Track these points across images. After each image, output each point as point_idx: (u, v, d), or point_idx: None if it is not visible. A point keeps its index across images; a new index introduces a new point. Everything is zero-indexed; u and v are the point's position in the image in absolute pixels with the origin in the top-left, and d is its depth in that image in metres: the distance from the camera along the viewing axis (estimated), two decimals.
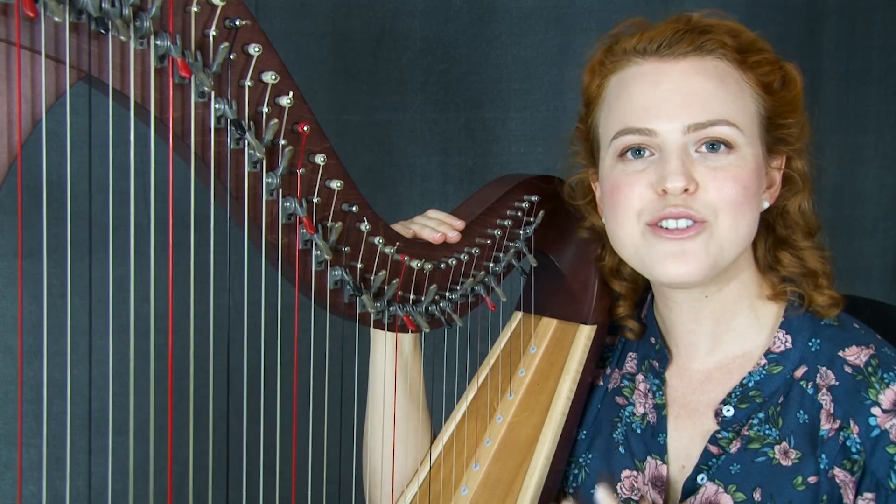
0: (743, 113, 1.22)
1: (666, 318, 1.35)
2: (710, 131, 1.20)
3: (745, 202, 1.21)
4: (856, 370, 1.23)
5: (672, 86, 1.21)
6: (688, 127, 1.20)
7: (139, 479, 0.98)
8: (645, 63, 1.23)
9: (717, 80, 1.21)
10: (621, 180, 1.24)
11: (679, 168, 1.19)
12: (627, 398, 1.38)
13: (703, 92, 1.20)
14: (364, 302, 1.20)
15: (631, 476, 1.33)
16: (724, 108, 1.20)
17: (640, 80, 1.23)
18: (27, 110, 0.88)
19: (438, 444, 1.41)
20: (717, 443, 1.28)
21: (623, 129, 1.23)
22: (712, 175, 1.20)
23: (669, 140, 1.20)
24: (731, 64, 1.22)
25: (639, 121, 1.22)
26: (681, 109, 1.20)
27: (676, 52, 1.21)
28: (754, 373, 1.28)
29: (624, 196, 1.23)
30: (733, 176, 1.20)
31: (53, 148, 0.93)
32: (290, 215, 1.11)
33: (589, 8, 2.47)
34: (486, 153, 2.49)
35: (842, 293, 1.33)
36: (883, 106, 2.65)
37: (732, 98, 1.21)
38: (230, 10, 0.99)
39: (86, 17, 0.90)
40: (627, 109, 1.23)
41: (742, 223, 1.21)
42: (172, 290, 1.00)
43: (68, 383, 1.03)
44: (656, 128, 1.20)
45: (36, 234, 0.93)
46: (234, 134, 1.04)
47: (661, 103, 1.21)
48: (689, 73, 1.21)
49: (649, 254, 1.23)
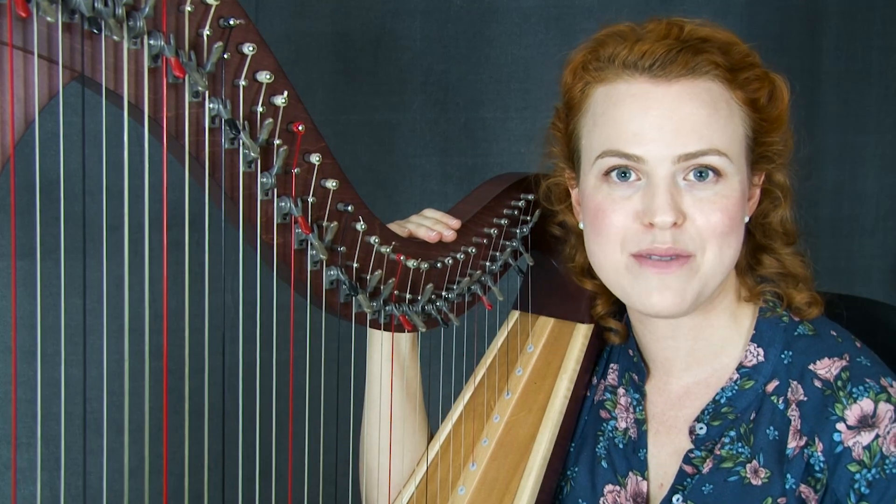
0: (732, 139, 1.19)
1: (641, 335, 1.33)
2: (700, 160, 1.17)
3: (731, 231, 1.19)
4: (825, 385, 1.21)
5: (664, 112, 1.17)
6: (678, 157, 1.16)
7: (136, 479, 0.98)
8: (635, 82, 1.18)
9: (710, 106, 1.17)
10: (606, 205, 1.21)
11: (668, 202, 1.16)
12: (610, 412, 1.37)
13: (694, 120, 1.17)
14: (360, 302, 1.20)
15: (614, 491, 1.32)
16: (715, 137, 1.17)
17: (630, 102, 1.19)
18: (20, 111, 0.88)
19: (436, 443, 1.40)
20: (690, 462, 1.26)
21: (610, 150, 1.19)
22: (699, 207, 1.17)
23: (658, 170, 1.17)
24: (723, 84, 1.18)
25: (627, 145, 1.18)
26: (672, 139, 1.16)
27: (669, 73, 1.17)
28: (727, 388, 1.26)
29: (609, 223, 1.20)
30: (720, 207, 1.17)
31: (48, 148, 0.93)
32: (285, 215, 1.11)
33: (589, 8, 2.47)
34: (486, 153, 2.49)
35: (842, 293, 1.32)
36: (883, 106, 2.65)
37: (723, 124, 1.18)
38: (224, 9, 0.99)
39: (79, 16, 0.90)
40: (616, 131, 1.19)
41: (727, 252, 1.19)
42: (168, 290, 1.00)
43: (62, 383, 1.03)
44: (645, 155, 1.17)
45: (30, 235, 0.93)
46: (229, 134, 1.04)
47: (651, 130, 1.17)
48: (683, 98, 1.17)
49: (632, 286, 1.21)
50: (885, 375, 1.21)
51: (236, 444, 1.08)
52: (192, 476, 1.03)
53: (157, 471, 1.01)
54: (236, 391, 1.07)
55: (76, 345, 1.71)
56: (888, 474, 1.16)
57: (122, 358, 0.98)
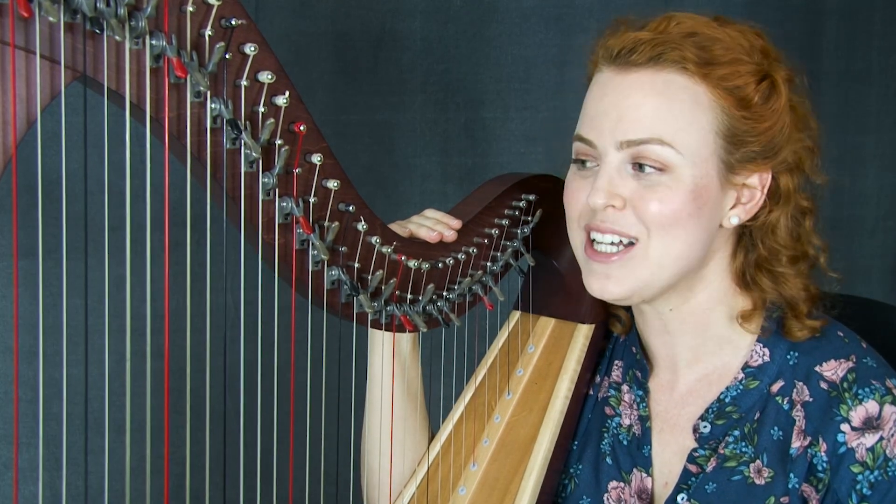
0: (687, 131, 1.17)
1: (641, 329, 1.34)
2: (642, 150, 1.17)
3: (677, 223, 1.18)
4: (831, 386, 1.21)
5: (614, 99, 1.19)
6: (620, 143, 1.18)
7: (137, 479, 0.98)
8: (606, 70, 1.22)
9: (664, 96, 1.17)
10: (571, 184, 1.26)
11: (603, 185, 1.18)
12: (614, 408, 1.37)
13: (641, 108, 1.17)
14: (361, 302, 1.20)
15: (618, 487, 1.32)
16: (660, 126, 1.17)
17: (595, 89, 1.23)
18: (22, 110, 0.88)
19: (436, 443, 1.40)
20: (694, 461, 1.26)
21: (576, 134, 1.24)
22: (640, 194, 1.18)
23: (604, 155, 1.20)
24: (693, 78, 1.17)
25: (584, 130, 1.22)
26: (615, 125, 1.18)
27: (632, 62, 1.18)
28: (731, 387, 1.26)
29: (569, 201, 1.26)
30: (660, 196, 1.17)
31: (49, 148, 0.93)
32: (286, 215, 1.11)
33: (589, 8, 2.47)
34: (486, 153, 2.49)
35: (841, 293, 1.32)
36: (883, 106, 2.65)
37: (676, 115, 1.17)
38: (226, 9, 0.99)
39: (81, 16, 0.90)
40: (582, 116, 1.24)
41: (675, 244, 1.19)
42: (169, 290, 1.00)
43: (63, 383, 1.03)
44: (595, 140, 1.20)
45: (32, 235, 0.93)
46: (231, 134, 1.04)
47: (601, 116, 1.20)
48: (634, 87, 1.18)
49: (584, 268, 1.26)
50: (891, 377, 1.21)
51: (237, 443, 1.08)
52: (193, 476, 1.03)
53: (158, 471, 1.01)
54: (237, 391, 1.07)
55: (77, 344, 1.71)
56: (891, 476, 1.16)
57: (123, 358, 0.98)
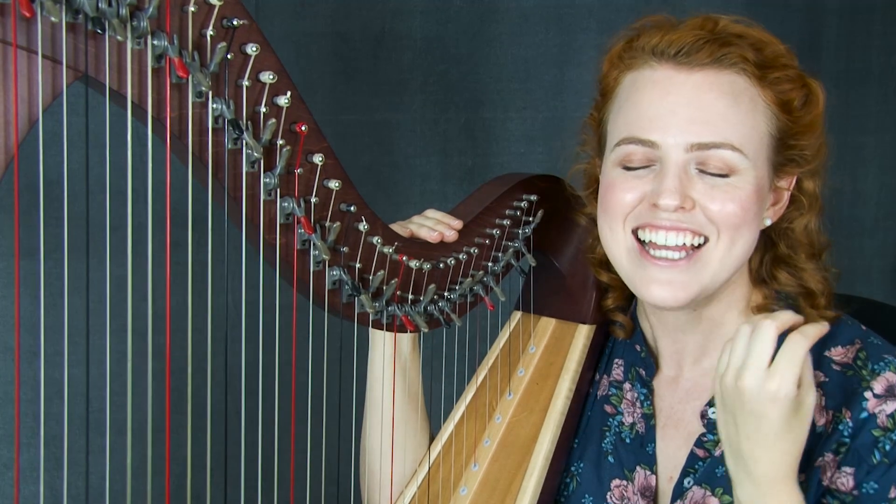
0: (750, 135, 1.18)
1: (654, 327, 1.34)
2: (713, 154, 1.16)
3: (743, 224, 1.18)
4: (845, 367, 1.22)
5: (682, 99, 1.17)
6: (691, 145, 1.16)
7: (137, 478, 0.98)
8: (660, 68, 1.19)
9: (731, 97, 1.17)
10: (618, 183, 1.22)
11: (675, 186, 1.16)
12: (616, 407, 1.37)
13: (712, 110, 1.17)
14: (362, 302, 1.20)
15: (621, 486, 1.32)
16: (731, 131, 1.17)
17: (651, 87, 1.20)
18: (24, 110, 0.88)
19: (437, 444, 1.40)
20: (702, 446, 1.27)
21: (627, 136, 1.20)
22: (711, 195, 1.17)
23: (671, 155, 1.17)
24: (750, 80, 1.18)
25: (642, 131, 1.19)
26: (686, 126, 1.17)
27: (694, 62, 1.17)
28: None
29: (616, 199, 1.22)
30: (731, 197, 1.17)
31: (51, 148, 0.93)
32: (288, 215, 1.11)
33: (589, 8, 2.48)
34: (486, 153, 2.49)
35: (841, 293, 1.32)
36: (883, 106, 2.65)
37: (743, 118, 1.17)
38: (228, 9, 0.99)
39: (82, 16, 0.90)
40: (634, 116, 1.20)
41: (738, 244, 1.19)
42: (170, 290, 1.00)
43: (64, 383, 1.03)
44: (659, 140, 1.17)
45: (34, 235, 0.93)
46: (232, 134, 1.04)
47: (667, 115, 1.18)
48: (703, 88, 1.17)
49: (636, 274, 1.22)
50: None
51: (238, 444, 1.08)
52: (194, 476, 1.03)
53: (159, 471, 1.01)
54: (238, 391, 1.07)
55: (78, 344, 1.70)
56: None
57: (123, 358, 0.98)
